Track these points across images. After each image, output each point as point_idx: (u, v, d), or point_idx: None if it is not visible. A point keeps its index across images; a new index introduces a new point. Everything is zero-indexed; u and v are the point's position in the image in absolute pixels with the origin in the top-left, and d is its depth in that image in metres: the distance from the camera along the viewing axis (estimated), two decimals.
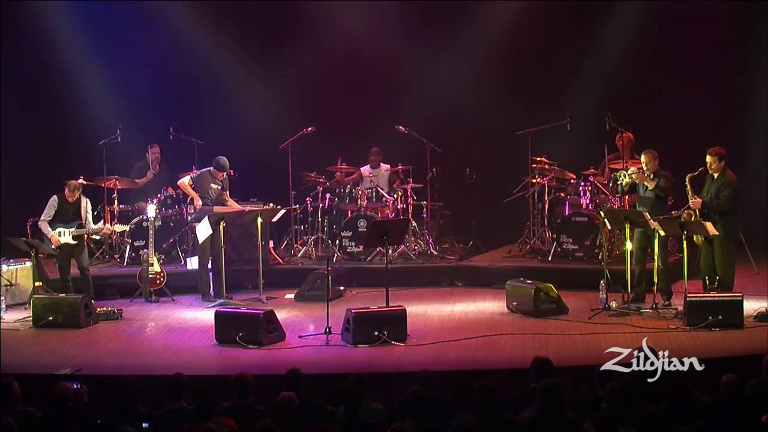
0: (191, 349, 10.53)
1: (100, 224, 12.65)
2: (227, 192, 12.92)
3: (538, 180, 13.89)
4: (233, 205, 12.93)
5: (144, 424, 7.22)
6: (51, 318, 11.38)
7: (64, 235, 12.16)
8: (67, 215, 12.24)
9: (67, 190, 12.24)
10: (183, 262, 13.70)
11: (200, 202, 12.69)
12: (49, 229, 12.19)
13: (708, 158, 11.26)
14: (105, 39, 15.30)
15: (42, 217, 12.27)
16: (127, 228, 13.19)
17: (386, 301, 10.95)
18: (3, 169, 14.64)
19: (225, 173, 12.82)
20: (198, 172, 13.07)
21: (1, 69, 14.78)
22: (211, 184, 12.79)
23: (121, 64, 15.34)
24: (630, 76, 15.15)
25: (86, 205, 12.39)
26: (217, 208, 12.63)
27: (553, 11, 15.26)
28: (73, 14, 15.23)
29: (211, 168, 12.84)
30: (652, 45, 15.23)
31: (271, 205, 13.16)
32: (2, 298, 12.21)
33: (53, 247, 12.15)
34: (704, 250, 11.36)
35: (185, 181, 12.92)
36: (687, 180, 11.33)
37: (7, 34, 14.88)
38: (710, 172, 11.29)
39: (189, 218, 13.46)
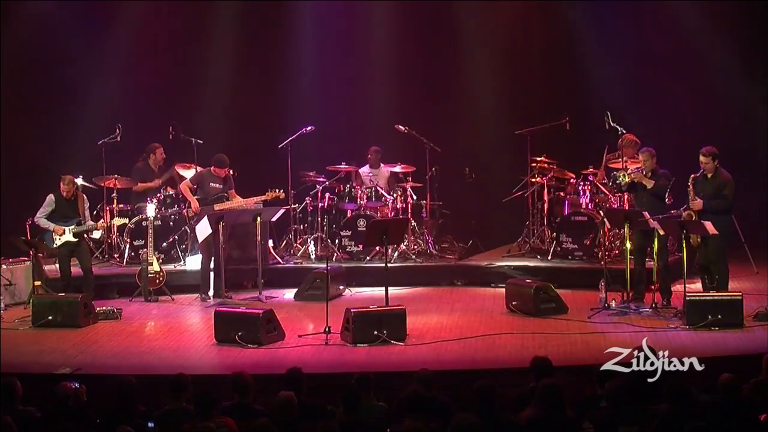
0: (190, 348, 10.54)
1: (100, 222, 12.65)
2: (232, 190, 12.88)
3: (538, 179, 13.88)
4: (238, 200, 12.87)
5: (150, 424, 7.21)
6: (50, 317, 11.38)
7: (66, 233, 12.14)
8: (66, 213, 12.22)
9: (62, 184, 12.20)
10: (182, 262, 13.68)
11: (197, 204, 12.64)
12: (49, 222, 12.17)
13: (702, 158, 11.25)
14: (105, 38, 15.30)
15: (38, 215, 12.26)
16: (126, 220, 13.19)
17: (386, 300, 10.95)
18: (3, 169, 14.63)
19: (226, 170, 12.77)
20: (196, 173, 13.03)
21: (1, 68, 14.77)
22: (211, 183, 12.76)
23: (121, 64, 15.33)
24: (629, 76, 15.15)
25: (84, 201, 12.37)
26: (218, 206, 12.61)
27: (553, 11, 15.26)
28: (73, 13, 15.22)
29: (212, 167, 12.82)
30: (651, 44, 15.23)
31: (276, 190, 13.01)
32: (1, 297, 12.21)
33: (56, 238, 12.10)
34: (700, 250, 11.36)
35: (185, 184, 12.87)
36: (690, 181, 11.32)
37: (7, 34, 14.86)
38: (704, 172, 11.28)
39: (191, 220, 13.33)
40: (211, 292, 12.61)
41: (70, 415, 7.43)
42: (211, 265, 12.63)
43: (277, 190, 12.96)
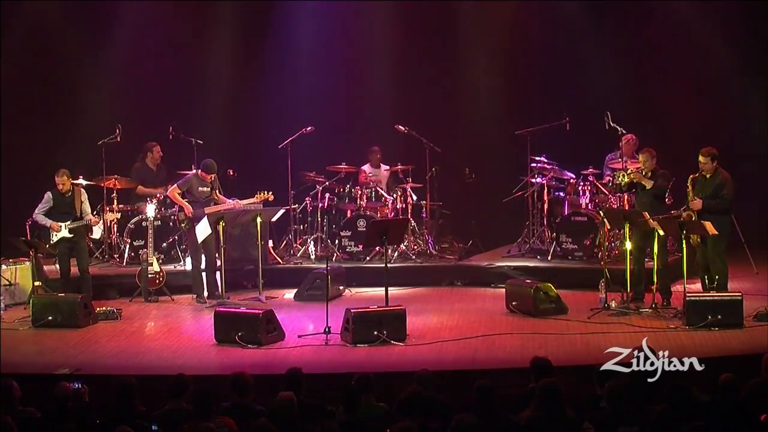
0: (190, 349, 10.53)
1: (94, 217, 12.55)
2: (216, 191, 12.84)
3: (538, 180, 13.88)
4: (224, 201, 12.82)
5: (153, 427, 7.21)
6: (50, 318, 11.38)
7: (62, 230, 12.15)
8: (64, 209, 12.23)
9: (56, 177, 12.20)
10: (182, 262, 13.67)
11: (190, 208, 12.60)
12: (47, 218, 12.19)
13: (701, 158, 11.25)
14: (105, 38, 15.30)
15: (36, 211, 12.28)
16: (118, 215, 13.20)
17: (386, 300, 10.95)
18: (3, 169, 14.63)
19: (213, 175, 12.73)
20: (183, 179, 12.98)
21: (1, 68, 14.77)
22: (199, 188, 12.70)
23: (121, 64, 15.33)
24: (629, 76, 15.16)
25: (81, 196, 12.35)
26: (207, 209, 12.59)
27: (554, 11, 15.27)
28: (73, 13, 15.23)
29: (198, 171, 12.79)
30: (651, 44, 15.25)
31: (266, 192, 12.97)
32: (1, 297, 12.21)
33: (53, 235, 12.12)
34: (699, 250, 11.37)
35: (173, 191, 12.79)
36: (689, 181, 11.32)
37: (7, 34, 14.87)
38: (703, 172, 11.28)
39: (182, 225, 13.21)
40: (206, 294, 12.60)
41: (70, 415, 7.43)
42: (202, 266, 12.64)
43: (266, 192, 12.93)
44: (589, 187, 13.43)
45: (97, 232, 12.93)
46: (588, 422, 6.96)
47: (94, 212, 12.97)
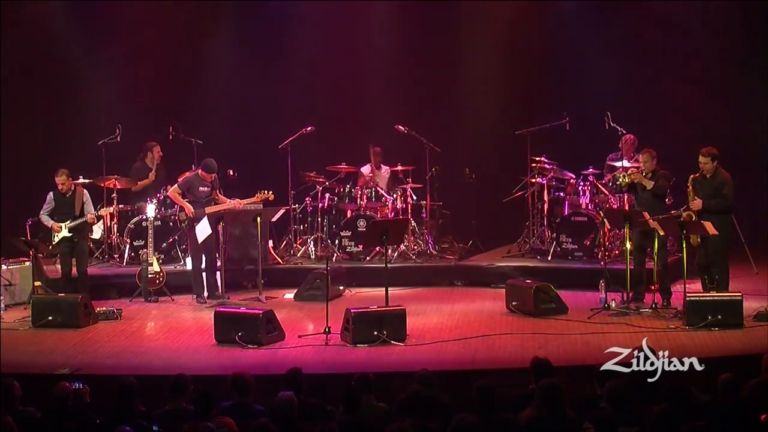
0: (191, 348, 10.54)
1: (90, 215, 12.50)
2: (217, 191, 12.84)
3: (538, 179, 13.88)
4: (224, 201, 12.82)
5: (154, 427, 7.21)
6: (50, 318, 11.38)
7: (62, 230, 12.16)
8: (65, 209, 12.24)
9: (56, 177, 12.22)
10: (182, 262, 13.67)
11: (191, 207, 12.59)
12: (49, 219, 12.22)
13: (701, 158, 11.25)
14: (105, 38, 15.30)
15: (41, 213, 12.32)
16: (111, 209, 13.19)
17: (386, 300, 10.95)
18: (3, 169, 14.63)
19: (214, 174, 12.73)
20: (184, 179, 12.99)
21: (1, 68, 14.77)
22: (200, 188, 12.71)
23: (121, 63, 15.33)
24: (630, 76, 15.15)
25: (83, 196, 12.34)
26: (208, 209, 12.59)
27: (553, 11, 15.28)
28: (73, 13, 15.23)
29: (199, 171, 12.79)
30: (652, 45, 15.24)
31: (266, 192, 12.95)
32: (1, 297, 12.22)
33: (54, 235, 12.14)
34: (699, 250, 11.37)
35: (174, 191, 12.79)
36: (689, 181, 11.32)
37: (7, 33, 14.87)
38: (703, 172, 11.27)
39: (183, 225, 13.16)
40: (205, 294, 12.60)
41: (70, 415, 7.43)
42: (207, 266, 12.64)
43: (266, 192, 12.92)
44: (589, 187, 13.43)
45: (97, 232, 12.95)
46: (588, 422, 6.97)
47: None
